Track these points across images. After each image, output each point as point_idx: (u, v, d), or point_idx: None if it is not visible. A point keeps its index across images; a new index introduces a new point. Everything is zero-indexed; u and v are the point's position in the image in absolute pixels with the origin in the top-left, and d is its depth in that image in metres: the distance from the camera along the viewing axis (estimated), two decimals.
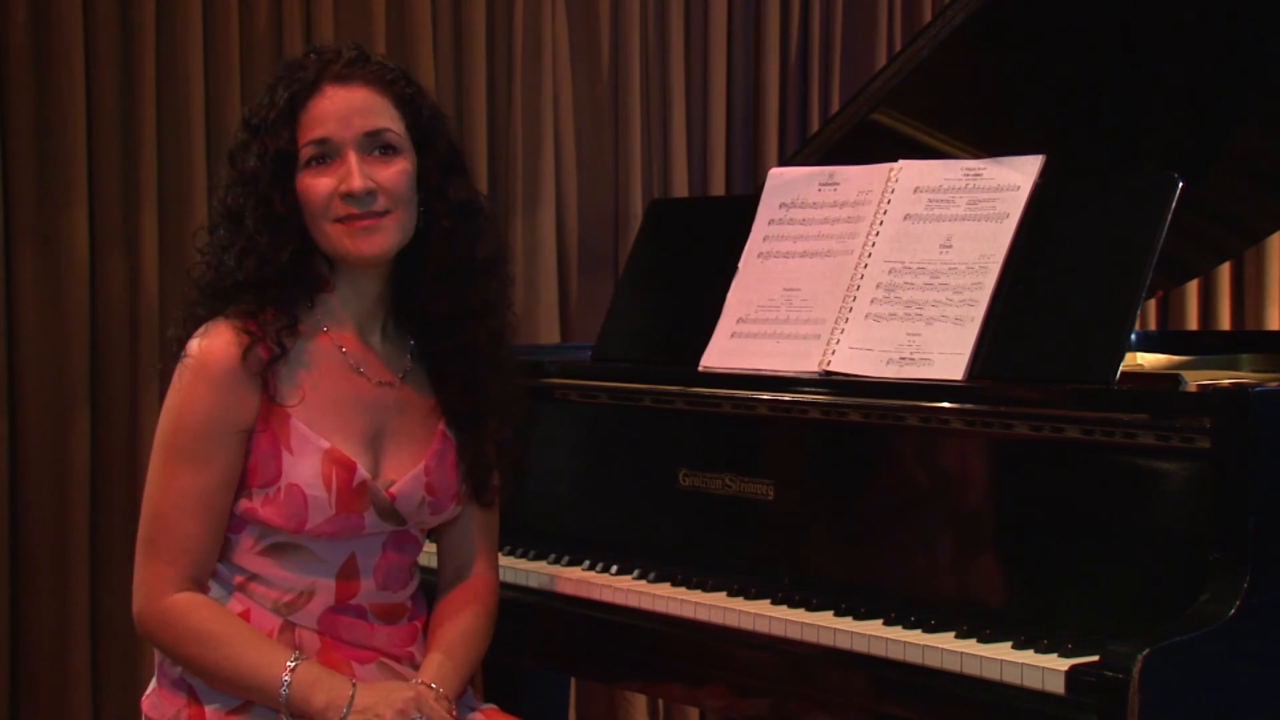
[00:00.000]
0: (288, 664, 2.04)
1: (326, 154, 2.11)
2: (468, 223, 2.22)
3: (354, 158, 2.10)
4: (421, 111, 2.19)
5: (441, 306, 2.20)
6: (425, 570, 2.35)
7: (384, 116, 2.14)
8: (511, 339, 2.31)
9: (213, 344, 2.09)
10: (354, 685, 2.05)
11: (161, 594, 2.08)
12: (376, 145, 2.13)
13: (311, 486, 2.09)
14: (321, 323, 2.17)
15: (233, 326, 2.10)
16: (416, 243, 2.18)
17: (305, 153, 2.11)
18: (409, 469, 2.18)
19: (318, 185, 2.11)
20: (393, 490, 2.16)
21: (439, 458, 2.21)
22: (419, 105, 2.19)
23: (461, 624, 2.23)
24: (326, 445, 2.11)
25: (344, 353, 2.17)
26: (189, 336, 2.12)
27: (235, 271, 2.11)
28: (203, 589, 2.11)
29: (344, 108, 2.12)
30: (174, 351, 2.13)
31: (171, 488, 2.09)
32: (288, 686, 2.03)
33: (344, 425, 2.14)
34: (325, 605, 2.14)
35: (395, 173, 2.13)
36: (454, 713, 2.11)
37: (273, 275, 2.11)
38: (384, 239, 2.13)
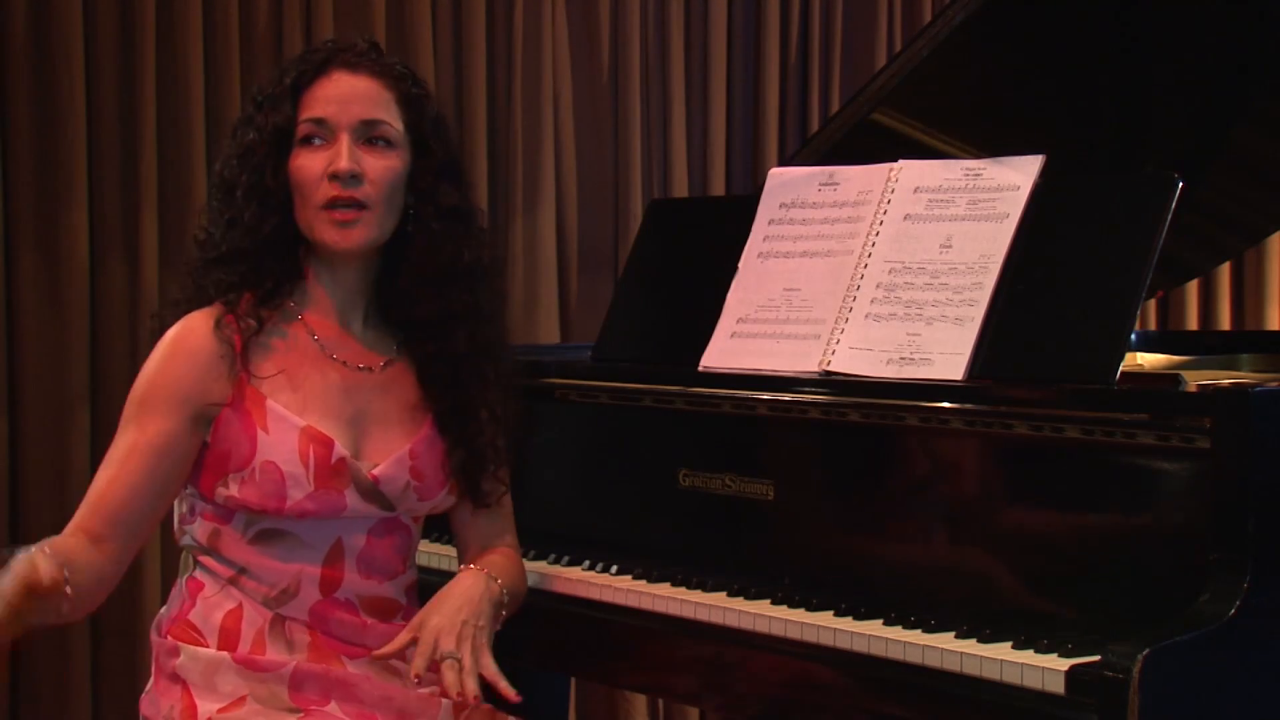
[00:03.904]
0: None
1: (321, 135, 2.13)
2: (455, 229, 2.22)
3: (346, 140, 2.13)
4: (425, 113, 2.21)
5: (423, 310, 2.21)
6: (428, 571, 2.36)
7: (384, 110, 2.16)
8: (506, 348, 2.31)
9: (192, 323, 2.12)
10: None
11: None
12: (371, 135, 2.15)
13: (288, 463, 2.09)
14: (299, 309, 2.18)
15: (207, 311, 2.12)
16: (403, 243, 2.19)
17: (301, 130, 2.14)
18: (393, 451, 2.18)
19: (308, 166, 2.13)
20: (376, 472, 2.16)
21: (428, 444, 2.21)
22: (423, 107, 2.21)
23: (498, 555, 2.26)
24: (303, 423, 2.11)
25: (317, 339, 2.18)
26: (169, 324, 2.14)
27: (220, 243, 2.14)
28: (96, 541, 2.04)
29: (346, 92, 2.14)
30: (156, 337, 2.15)
31: (112, 446, 2.11)
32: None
33: (321, 407, 2.15)
34: (313, 597, 2.13)
35: (384, 167, 2.14)
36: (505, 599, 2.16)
37: (252, 247, 2.13)
38: (360, 234, 2.14)
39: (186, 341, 2.11)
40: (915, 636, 2.00)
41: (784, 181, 2.55)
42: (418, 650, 2.06)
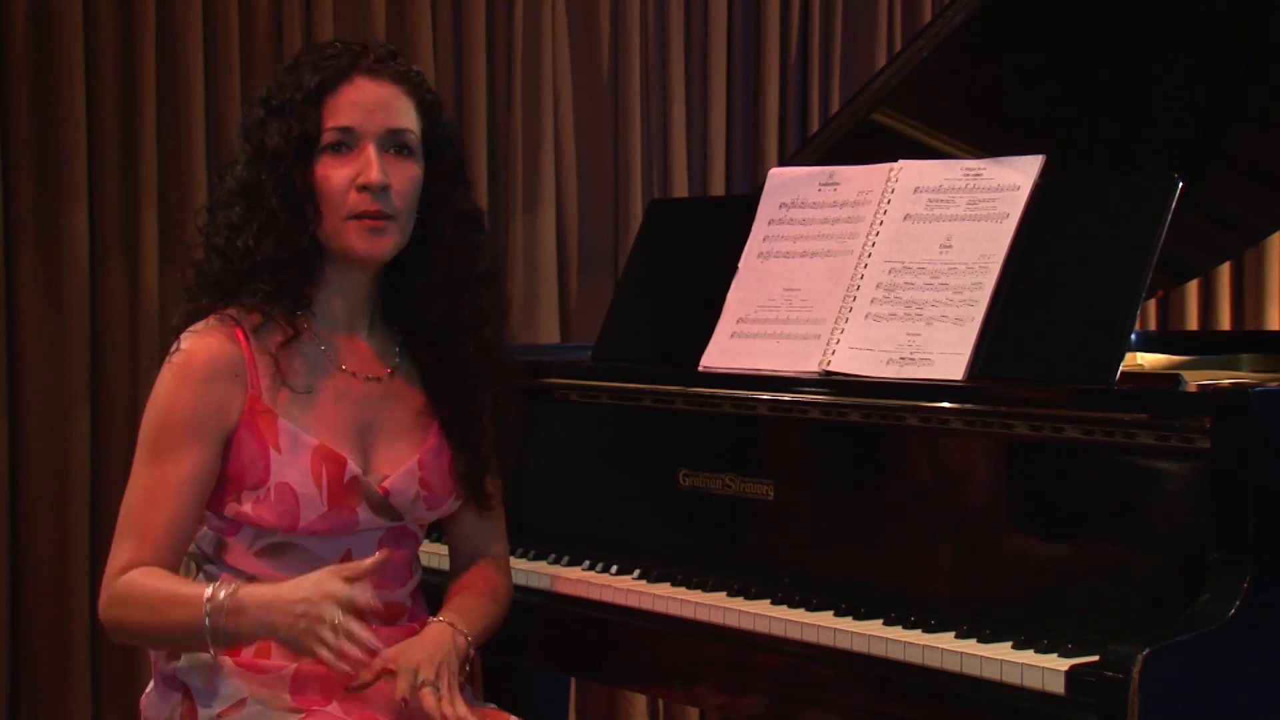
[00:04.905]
0: (205, 594, 1.97)
1: (347, 143, 2.12)
2: (467, 235, 2.23)
3: (373, 150, 2.11)
4: (438, 120, 2.21)
5: (433, 315, 2.21)
6: (431, 572, 2.36)
7: (406, 117, 2.15)
8: (508, 349, 2.31)
9: (200, 343, 2.09)
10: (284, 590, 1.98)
11: (114, 578, 2.06)
12: (395, 144, 2.14)
13: (301, 484, 2.09)
14: (308, 319, 2.17)
15: (227, 324, 2.10)
16: (413, 249, 2.18)
17: (327, 138, 2.11)
18: (402, 463, 2.18)
19: (336, 175, 2.11)
20: (385, 485, 2.15)
21: (434, 453, 2.21)
22: (436, 113, 2.21)
23: (476, 586, 2.24)
24: (315, 442, 2.10)
25: (324, 350, 2.17)
26: (187, 327, 2.12)
27: (253, 252, 2.10)
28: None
29: (372, 100, 2.13)
30: (168, 340, 2.13)
31: (147, 481, 2.08)
32: (209, 615, 1.96)
33: (332, 421, 2.14)
34: None
35: (408, 177, 2.14)
36: (472, 652, 2.12)
37: (289, 256, 2.10)
38: (387, 242, 2.13)
39: (201, 363, 2.08)
40: (915, 636, 2.00)
41: (784, 181, 2.55)
42: (399, 675, 2.03)
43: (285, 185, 2.10)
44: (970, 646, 1.94)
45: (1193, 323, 4.60)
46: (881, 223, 2.37)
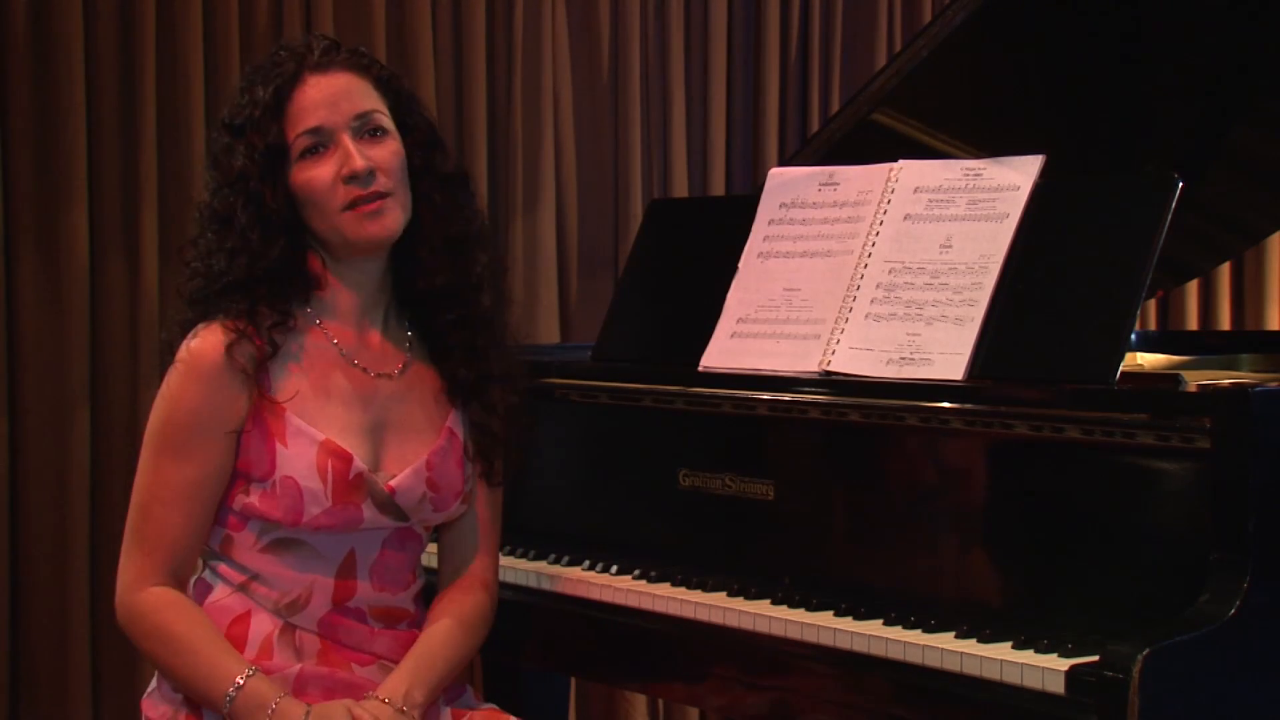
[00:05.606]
0: (237, 678, 2.03)
1: (320, 143, 2.12)
2: (458, 195, 2.24)
3: (349, 140, 2.12)
4: (400, 93, 2.22)
5: (441, 280, 2.21)
6: (432, 572, 2.35)
7: (369, 99, 2.16)
8: (505, 307, 2.32)
9: (202, 343, 2.10)
10: (307, 709, 2.03)
11: (137, 586, 2.10)
12: (367, 128, 2.14)
13: (306, 478, 2.09)
14: (316, 317, 2.17)
15: (222, 326, 2.10)
16: (411, 223, 2.19)
17: (299, 145, 2.12)
18: (410, 462, 2.18)
19: (319, 175, 2.11)
20: (392, 484, 2.15)
21: (443, 454, 2.21)
22: (396, 87, 2.22)
23: (441, 627, 2.20)
24: (322, 437, 2.11)
25: (337, 345, 2.17)
26: (180, 340, 2.13)
27: (226, 272, 2.11)
28: (181, 584, 2.12)
29: (330, 94, 2.13)
30: (165, 357, 2.14)
31: (156, 480, 2.10)
32: (231, 701, 2.02)
33: (341, 418, 2.14)
34: (324, 607, 2.13)
35: (389, 153, 2.15)
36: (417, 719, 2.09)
37: (263, 273, 2.11)
38: (391, 220, 2.14)
39: (208, 361, 2.09)
40: (915, 636, 2.00)
41: (784, 181, 2.55)
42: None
43: (255, 203, 2.11)
44: (970, 646, 1.94)
45: (1193, 323, 4.60)
46: (881, 223, 2.37)
